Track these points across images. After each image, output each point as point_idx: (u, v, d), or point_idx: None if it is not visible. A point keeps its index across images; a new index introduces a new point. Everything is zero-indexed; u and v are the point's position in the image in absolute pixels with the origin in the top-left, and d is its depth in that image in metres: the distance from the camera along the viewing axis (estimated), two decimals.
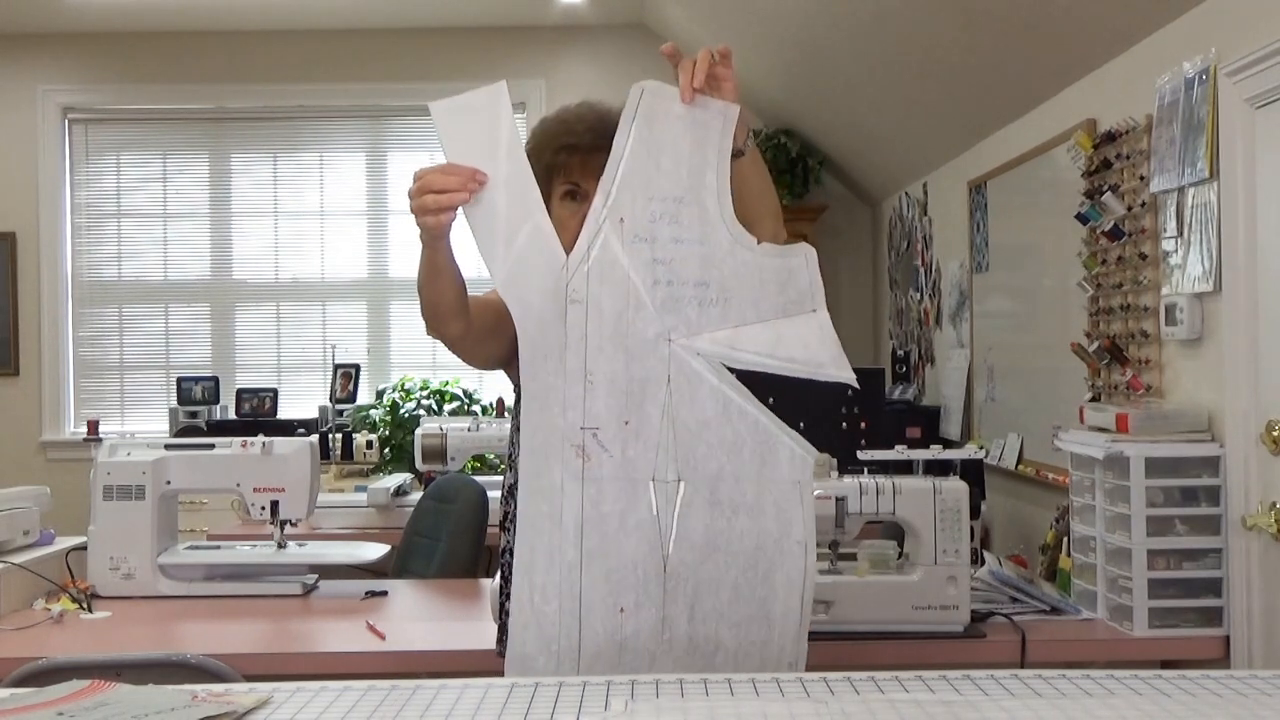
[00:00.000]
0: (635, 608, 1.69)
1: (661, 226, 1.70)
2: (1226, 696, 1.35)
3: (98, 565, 2.80)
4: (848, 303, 6.27)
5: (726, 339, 1.72)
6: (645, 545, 1.70)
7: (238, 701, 1.33)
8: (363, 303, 6.47)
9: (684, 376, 1.71)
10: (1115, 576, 2.48)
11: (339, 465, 5.57)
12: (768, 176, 1.90)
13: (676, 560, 1.70)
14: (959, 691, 1.37)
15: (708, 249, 1.71)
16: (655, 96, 1.70)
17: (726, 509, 1.72)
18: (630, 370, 1.70)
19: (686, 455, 1.71)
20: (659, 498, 1.70)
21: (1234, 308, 2.44)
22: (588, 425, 1.69)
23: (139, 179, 6.43)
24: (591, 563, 1.69)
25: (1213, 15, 2.55)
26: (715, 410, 1.72)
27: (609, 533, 1.69)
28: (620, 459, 1.69)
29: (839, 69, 4.74)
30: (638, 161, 1.70)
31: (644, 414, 1.70)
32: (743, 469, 1.72)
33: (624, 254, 1.69)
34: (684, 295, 1.71)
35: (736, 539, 1.72)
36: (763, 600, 1.73)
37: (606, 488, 1.69)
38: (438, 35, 6.20)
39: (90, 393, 6.39)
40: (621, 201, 1.70)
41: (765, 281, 1.74)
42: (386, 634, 2.44)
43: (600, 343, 1.69)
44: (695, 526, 1.71)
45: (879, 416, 4.15)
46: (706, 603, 1.71)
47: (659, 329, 1.70)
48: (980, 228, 4.17)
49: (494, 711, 1.31)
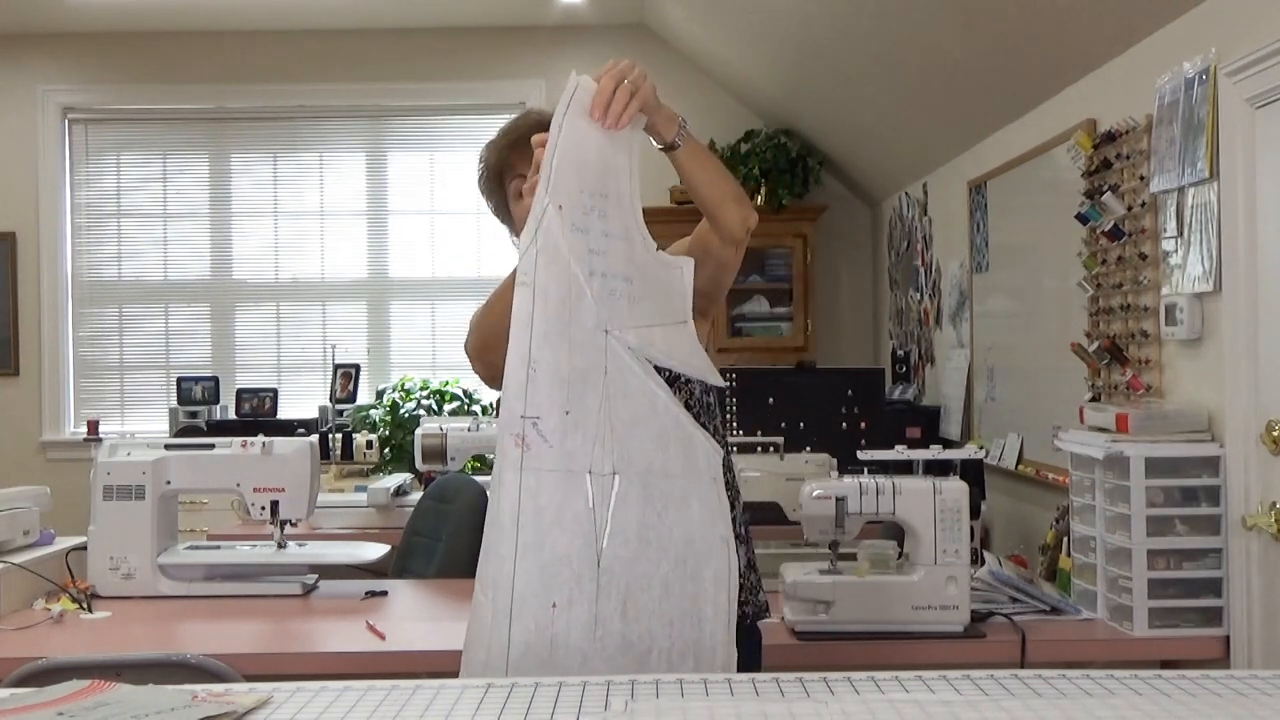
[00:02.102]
0: (568, 604, 1.65)
1: (593, 219, 1.70)
2: (1226, 696, 1.35)
3: (98, 565, 2.80)
4: (848, 303, 6.27)
5: (646, 336, 1.72)
6: (579, 540, 1.67)
7: (238, 701, 1.33)
8: (363, 303, 6.47)
9: (619, 369, 1.70)
10: (1115, 576, 2.48)
11: (339, 465, 5.58)
12: (715, 161, 1.89)
13: (610, 555, 1.67)
14: (959, 691, 1.37)
15: (629, 247, 1.73)
16: (585, 93, 1.71)
17: (658, 503, 1.70)
18: (572, 359, 1.68)
19: (622, 449, 1.69)
20: (595, 491, 1.67)
21: (1234, 308, 2.44)
22: (528, 414, 1.66)
23: (139, 179, 6.43)
24: (526, 556, 1.65)
25: (1213, 15, 2.55)
26: (645, 405, 1.71)
27: (544, 525, 1.66)
28: (559, 450, 1.67)
29: (839, 69, 4.74)
30: (570, 151, 1.71)
31: (584, 405, 1.68)
32: (670, 464, 1.71)
33: (564, 241, 1.69)
34: (617, 289, 1.71)
35: (666, 534, 1.70)
36: (693, 597, 1.71)
37: (545, 479, 1.66)
38: (437, 35, 6.20)
39: (90, 393, 6.39)
40: (558, 187, 1.70)
41: (665, 287, 1.75)
42: (386, 634, 2.44)
43: (545, 329, 1.67)
44: (629, 521, 1.68)
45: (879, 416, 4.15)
46: (639, 600, 1.68)
47: (596, 320, 1.70)
48: (980, 228, 4.17)
49: (494, 711, 1.31)
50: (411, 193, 6.44)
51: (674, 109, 1.83)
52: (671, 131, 1.79)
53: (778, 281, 5.92)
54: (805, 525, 2.39)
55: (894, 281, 5.64)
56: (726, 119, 5.99)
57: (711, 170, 1.87)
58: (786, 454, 3.54)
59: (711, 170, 1.87)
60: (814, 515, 2.36)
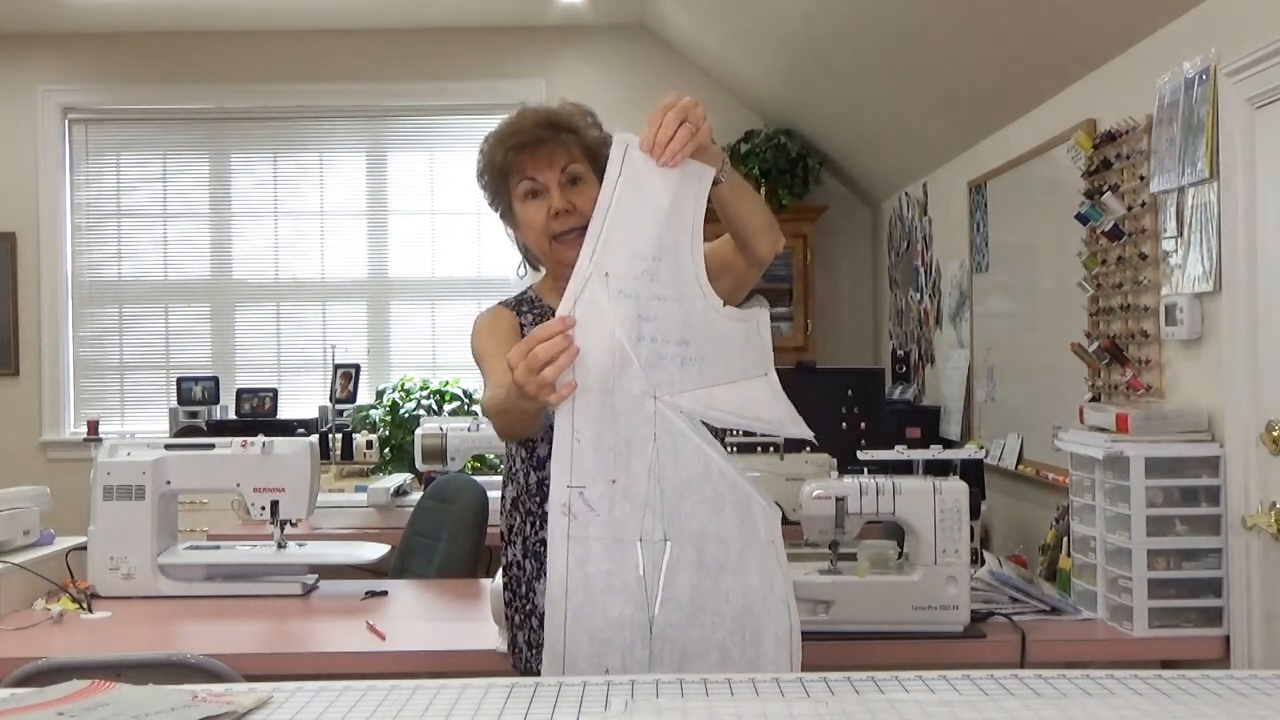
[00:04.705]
0: (621, 670, 1.64)
1: (644, 283, 1.66)
2: (1226, 696, 1.35)
3: (98, 565, 2.80)
4: (848, 303, 6.27)
5: (705, 398, 1.69)
6: (631, 606, 1.66)
7: (238, 701, 1.33)
8: (363, 303, 6.47)
9: (669, 434, 1.67)
10: (1115, 576, 2.48)
11: (339, 465, 5.57)
12: (751, 192, 1.87)
13: (663, 621, 1.66)
14: (959, 691, 1.37)
15: (685, 307, 1.68)
16: (636, 151, 1.67)
17: (713, 569, 1.68)
18: (617, 427, 1.66)
19: (672, 514, 1.67)
20: (646, 558, 1.66)
21: (1234, 308, 2.44)
22: (574, 484, 1.65)
23: (139, 179, 6.43)
24: (576, 623, 1.65)
25: (1213, 15, 2.55)
26: (698, 469, 1.69)
27: (594, 593, 1.65)
28: (607, 518, 1.65)
29: (839, 69, 4.74)
30: (622, 216, 1.66)
31: (631, 472, 1.66)
32: (725, 528, 1.69)
33: (609, 309, 1.65)
34: (667, 353, 1.67)
35: (723, 599, 1.68)
36: (752, 661, 1.69)
37: (592, 547, 1.65)
38: (437, 35, 6.20)
39: (90, 393, 6.39)
40: (607, 255, 1.66)
41: (731, 343, 1.71)
42: (386, 634, 2.44)
43: (587, 400, 1.65)
44: (682, 587, 1.67)
45: (879, 416, 4.16)
46: (695, 666, 1.66)
47: (644, 386, 1.66)
48: (980, 228, 4.17)
49: (494, 711, 1.31)
50: (411, 193, 6.43)
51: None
52: (717, 168, 1.75)
53: (778, 281, 5.91)
54: (805, 525, 2.39)
55: (894, 281, 5.64)
56: (726, 119, 5.98)
57: (749, 202, 1.85)
58: (786, 454, 3.55)
59: (749, 202, 1.85)
60: (814, 515, 2.36)
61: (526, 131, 1.95)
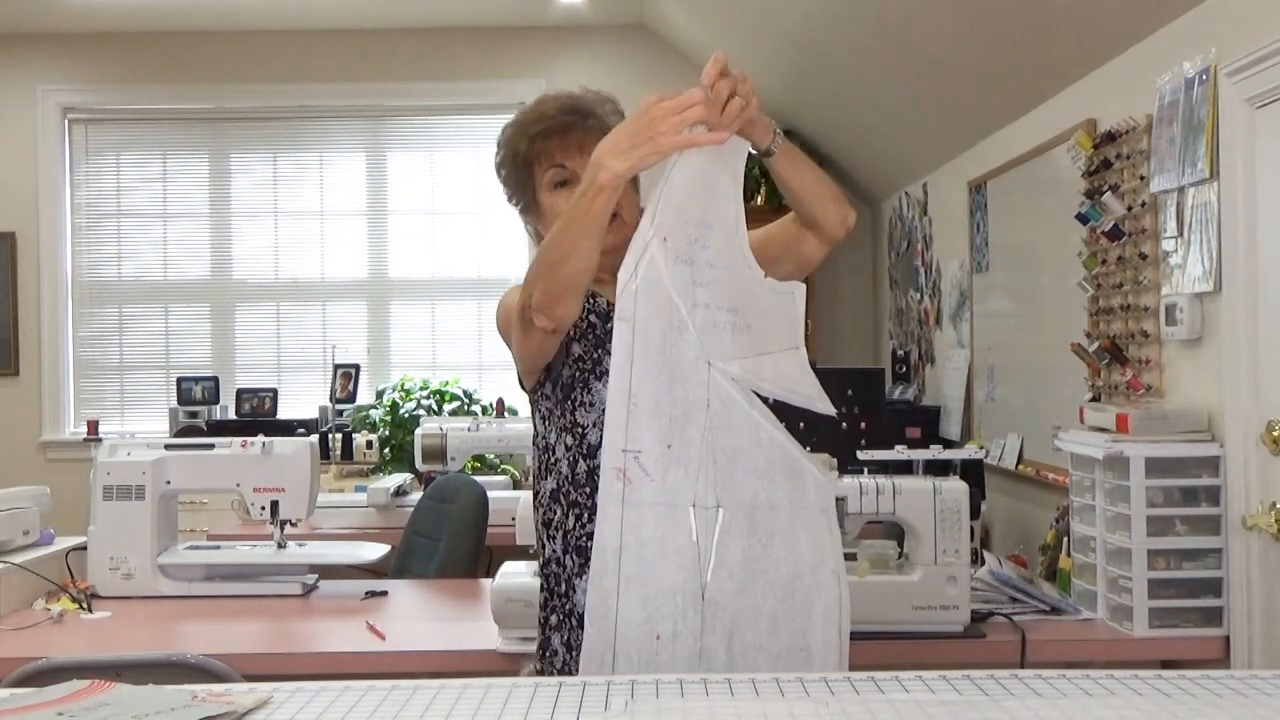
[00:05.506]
0: (672, 637, 1.64)
1: (698, 250, 1.67)
2: (1226, 696, 1.35)
3: (98, 565, 2.80)
4: (848, 303, 6.27)
5: (753, 367, 1.70)
6: (684, 573, 1.65)
7: (238, 701, 1.33)
8: (363, 303, 6.47)
9: (721, 401, 1.68)
10: (1115, 576, 2.48)
11: (339, 465, 5.57)
12: (809, 163, 1.82)
13: (715, 588, 1.66)
14: (959, 691, 1.37)
15: (734, 275, 1.70)
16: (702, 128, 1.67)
17: (763, 536, 1.68)
18: (673, 393, 1.66)
19: (725, 481, 1.67)
20: (699, 524, 1.66)
21: (1234, 308, 2.44)
22: (630, 448, 1.65)
23: (139, 179, 6.43)
24: (629, 588, 1.64)
25: (1213, 15, 2.55)
26: (749, 436, 1.69)
27: (647, 559, 1.64)
28: (661, 484, 1.65)
29: (839, 69, 4.74)
30: (678, 184, 1.67)
31: (685, 438, 1.66)
32: (776, 496, 1.69)
33: (667, 274, 1.66)
34: (720, 320, 1.68)
35: (773, 567, 1.68)
36: (802, 632, 1.69)
37: (646, 513, 1.65)
38: (437, 35, 6.20)
39: (90, 393, 6.39)
40: (664, 222, 1.67)
41: (773, 314, 1.72)
42: (386, 634, 2.44)
43: (645, 364, 1.65)
44: (734, 554, 1.67)
45: (879, 416, 4.15)
46: (746, 633, 1.66)
47: (699, 352, 1.67)
48: (980, 228, 4.17)
49: (494, 711, 1.31)
50: (411, 193, 6.43)
51: None
52: (768, 138, 1.73)
53: None
54: None
55: (894, 281, 5.64)
56: None
57: (808, 173, 1.80)
58: None
59: (808, 173, 1.80)
60: None
61: (551, 118, 1.90)
